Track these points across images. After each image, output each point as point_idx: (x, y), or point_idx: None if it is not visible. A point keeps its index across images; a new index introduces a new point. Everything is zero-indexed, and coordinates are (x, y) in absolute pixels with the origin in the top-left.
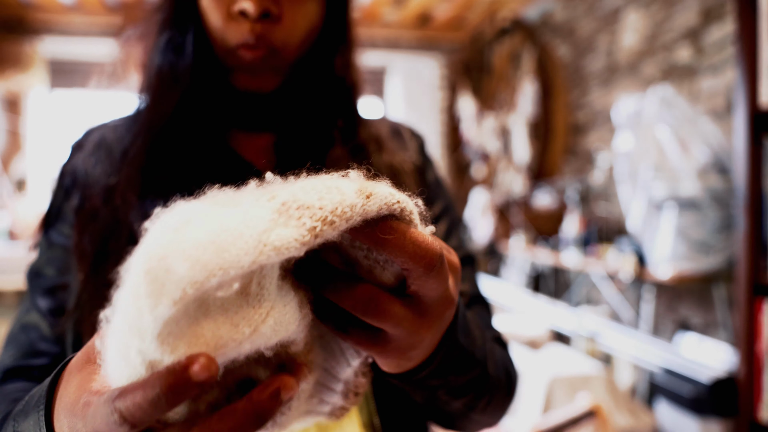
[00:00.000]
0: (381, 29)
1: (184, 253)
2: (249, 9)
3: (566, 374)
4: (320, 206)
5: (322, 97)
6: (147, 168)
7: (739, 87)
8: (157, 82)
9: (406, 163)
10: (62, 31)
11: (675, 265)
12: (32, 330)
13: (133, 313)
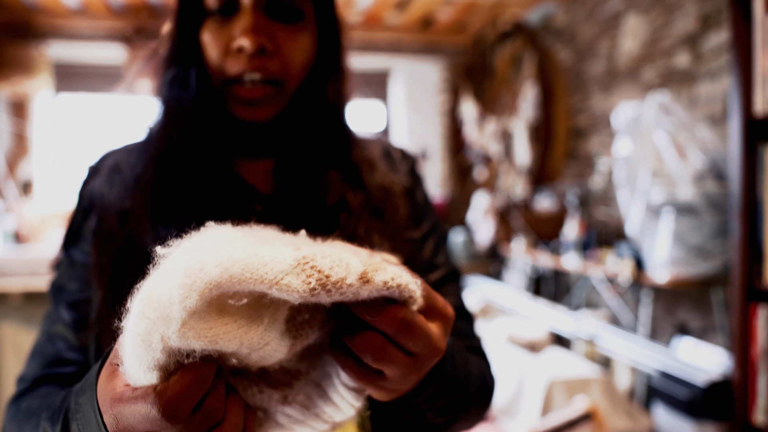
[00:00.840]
0: (383, 32)
1: (219, 261)
2: (246, 46)
3: (565, 377)
4: (327, 274)
5: (317, 123)
6: (158, 193)
7: (733, 95)
8: (165, 115)
9: (396, 185)
10: (68, 35)
11: (672, 269)
12: (59, 340)
13: (165, 302)
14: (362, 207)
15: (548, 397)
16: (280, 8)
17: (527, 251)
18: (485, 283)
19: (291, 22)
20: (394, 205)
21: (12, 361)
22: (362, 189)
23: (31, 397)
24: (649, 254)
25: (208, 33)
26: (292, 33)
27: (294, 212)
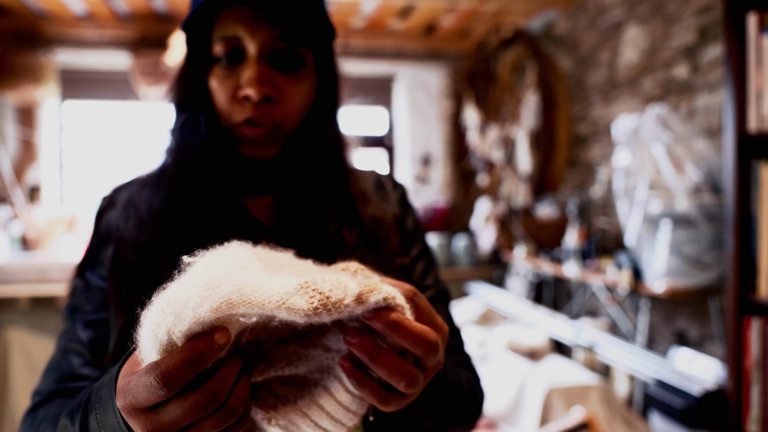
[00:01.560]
0: (387, 39)
1: (234, 282)
2: (252, 95)
3: (564, 384)
4: (327, 296)
5: (315, 161)
6: (172, 227)
7: (727, 111)
8: (177, 154)
9: (387, 216)
10: (74, 42)
11: (670, 280)
12: (74, 357)
13: (181, 303)
14: (356, 240)
15: (547, 405)
16: (283, 57)
17: (528, 258)
18: (487, 289)
19: (293, 70)
20: (385, 235)
21: (19, 364)
22: (357, 222)
23: (46, 408)
24: (647, 264)
25: (215, 80)
26: (294, 81)
27: (294, 245)
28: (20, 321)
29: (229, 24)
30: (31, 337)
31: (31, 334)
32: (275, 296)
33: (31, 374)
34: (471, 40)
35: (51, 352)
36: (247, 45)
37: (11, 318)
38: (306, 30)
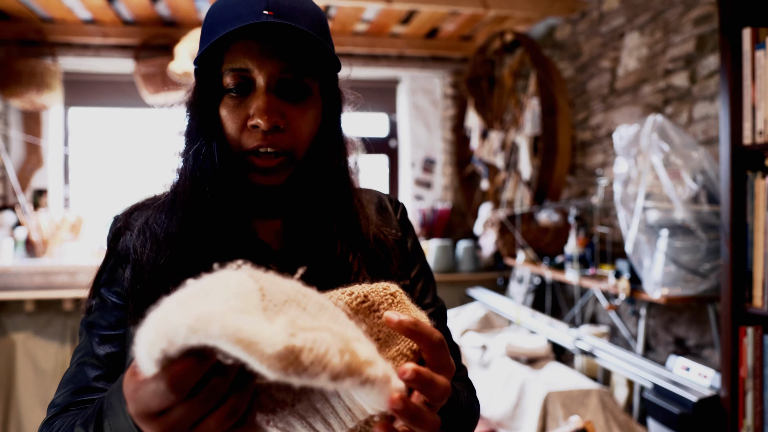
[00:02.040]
0: (389, 43)
1: (225, 324)
2: (262, 125)
3: (563, 390)
4: (305, 366)
5: (321, 186)
6: (188, 251)
7: (723, 124)
8: (191, 181)
9: (389, 238)
10: (79, 47)
11: (668, 288)
12: (90, 370)
13: (172, 329)
14: (360, 264)
15: (546, 410)
16: (290, 88)
17: (530, 264)
18: (489, 295)
19: (299, 100)
20: (387, 258)
21: (24, 367)
22: (361, 245)
23: (62, 418)
24: (645, 272)
25: (225, 109)
26: (301, 110)
27: (301, 269)
28: (25, 325)
29: (239, 57)
30: (36, 340)
31: (36, 337)
32: (260, 350)
33: (36, 377)
34: (473, 45)
35: (55, 355)
36: (256, 77)
37: (16, 321)
38: (311, 62)
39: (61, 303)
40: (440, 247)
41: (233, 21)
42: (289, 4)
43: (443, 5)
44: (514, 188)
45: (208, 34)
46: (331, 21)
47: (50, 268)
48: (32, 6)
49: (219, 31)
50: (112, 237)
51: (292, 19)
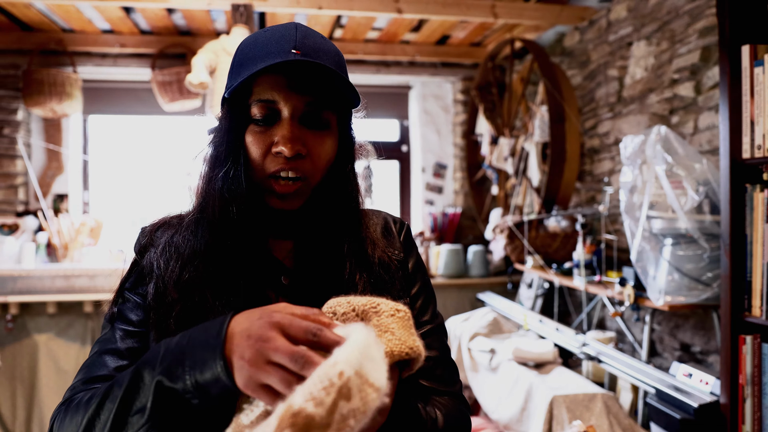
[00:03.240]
0: (400, 50)
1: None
2: (286, 152)
3: (568, 394)
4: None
5: (333, 211)
6: (211, 267)
7: (722, 138)
8: (220, 202)
9: (393, 259)
10: (98, 56)
11: (672, 295)
12: (109, 360)
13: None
14: (366, 284)
15: (552, 414)
16: (312, 118)
17: (538, 270)
18: (498, 299)
19: (319, 130)
20: (391, 278)
21: (47, 367)
22: (367, 266)
23: (84, 393)
24: (650, 280)
25: (251, 136)
26: (320, 139)
27: (312, 286)
28: (48, 326)
29: (266, 89)
30: (57, 341)
31: (58, 338)
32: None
33: (57, 377)
34: (484, 51)
35: (76, 356)
36: (281, 108)
37: (39, 323)
38: (331, 96)
39: (81, 305)
40: (451, 252)
41: (264, 57)
42: (314, 44)
43: (453, 15)
44: (523, 194)
45: (240, 67)
46: (342, 29)
47: (71, 272)
48: (53, 18)
49: (250, 66)
50: (138, 250)
51: (317, 57)
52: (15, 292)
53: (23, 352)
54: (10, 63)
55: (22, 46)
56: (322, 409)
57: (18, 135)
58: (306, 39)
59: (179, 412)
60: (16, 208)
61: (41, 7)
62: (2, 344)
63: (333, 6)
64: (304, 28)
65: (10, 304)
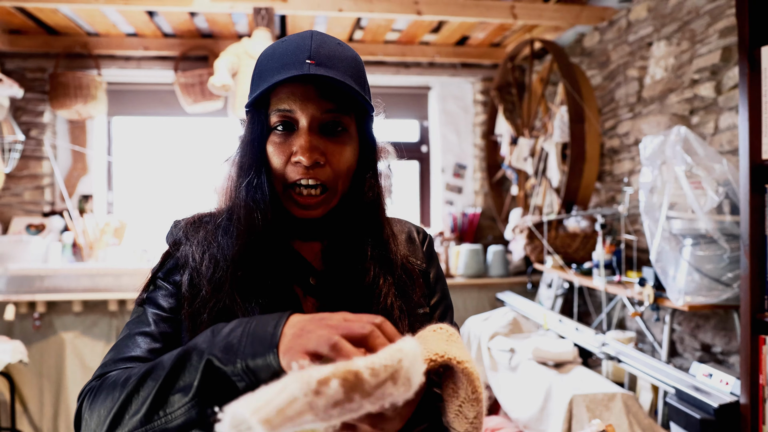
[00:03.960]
0: (420, 51)
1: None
2: (304, 161)
3: (587, 393)
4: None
5: (358, 216)
6: (241, 268)
7: (742, 139)
8: (245, 210)
9: (415, 268)
10: (122, 59)
11: (692, 296)
12: (140, 341)
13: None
14: (389, 286)
15: (571, 413)
16: (330, 126)
17: (557, 270)
18: (518, 299)
19: (338, 137)
20: (412, 282)
21: (73, 363)
22: (390, 270)
23: (119, 372)
24: (670, 280)
25: (272, 146)
26: (339, 146)
27: (339, 288)
28: (74, 324)
29: (284, 99)
30: (83, 339)
31: (84, 336)
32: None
33: (83, 374)
34: (503, 52)
35: (102, 354)
36: (299, 117)
37: (65, 321)
38: (348, 103)
39: (106, 304)
40: (471, 252)
41: (280, 69)
42: (329, 52)
43: (472, 16)
44: (543, 194)
45: (259, 79)
46: (362, 31)
47: (96, 271)
48: (79, 22)
49: (268, 78)
50: (173, 242)
51: (332, 66)
52: (42, 291)
53: (50, 349)
54: (37, 66)
55: (49, 49)
56: (374, 380)
57: (44, 136)
58: (321, 48)
59: (222, 395)
60: (42, 209)
61: (67, 12)
62: (30, 342)
63: (353, 8)
64: (319, 37)
65: (38, 302)
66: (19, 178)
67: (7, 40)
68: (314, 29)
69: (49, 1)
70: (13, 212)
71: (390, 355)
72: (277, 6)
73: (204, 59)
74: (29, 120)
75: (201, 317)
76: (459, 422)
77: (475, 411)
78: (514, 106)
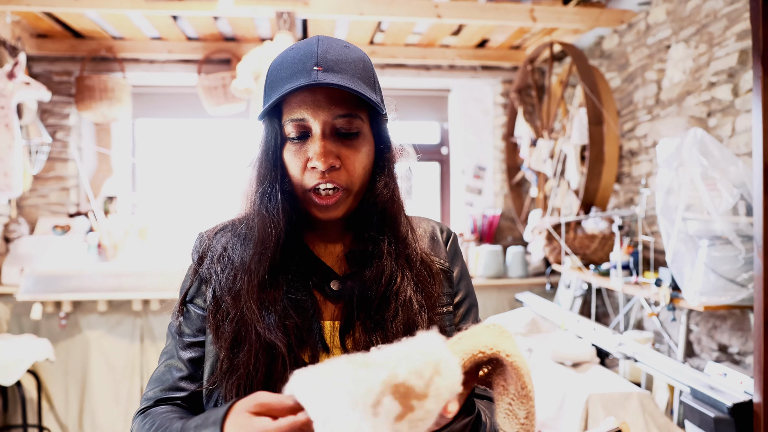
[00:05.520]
0: (440, 54)
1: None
2: (319, 167)
3: (604, 393)
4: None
5: (376, 213)
6: (261, 278)
7: (755, 142)
8: (259, 219)
9: (436, 267)
10: (147, 62)
11: (707, 297)
12: (176, 371)
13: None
14: (407, 281)
15: (588, 412)
16: (343, 130)
17: (576, 271)
18: (537, 300)
19: (352, 140)
20: (434, 284)
21: (97, 362)
22: (409, 266)
23: (153, 414)
24: (686, 281)
25: (288, 154)
26: (354, 148)
27: (360, 290)
28: (98, 323)
29: (295, 108)
30: (108, 338)
31: (108, 335)
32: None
33: (108, 372)
34: (523, 54)
35: (125, 353)
36: (311, 125)
37: (90, 321)
38: (359, 105)
39: (130, 304)
40: (490, 253)
41: (289, 78)
42: (336, 57)
43: (492, 20)
44: (562, 196)
45: (270, 90)
46: (383, 34)
47: (120, 271)
48: (104, 26)
49: (278, 88)
50: (198, 257)
51: (339, 71)
52: (68, 291)
53: (75, 348)
54: (64, 69)
55: (75, 53)
56: (422, 380)
57: (70, 139)
58: (328, 53)
59: None
60: (68, 210)
61: (93, 16)
62: (56, 340)
63: (374, 12)
64: (326, 42)
65: (63, 302)
66: (46, 180)
67: (35, 44)
68: (320, 35)
69: (76, 6)
70: (39, 213)
71: (420, 351)
72: (299, 10)
73: (227, 62)
74: (55, 122)
75: (223, 328)
76: (509, 423)
77: (526, 410)
78: (533, 108)
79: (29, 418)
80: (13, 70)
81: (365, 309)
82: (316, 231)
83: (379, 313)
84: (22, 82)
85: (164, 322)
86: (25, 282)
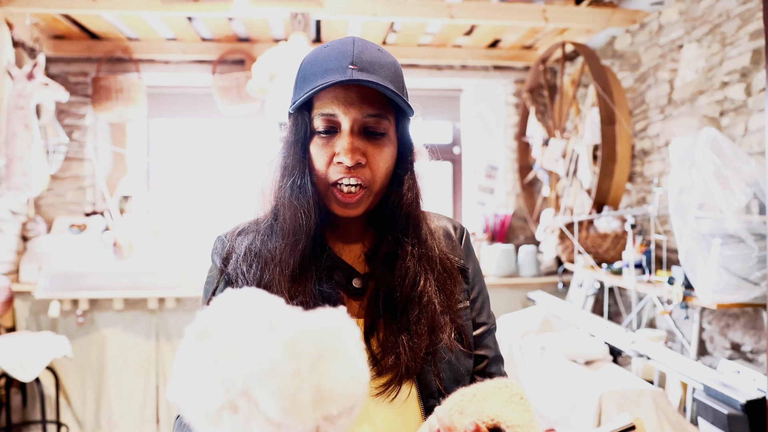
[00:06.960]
0: (453, 54)
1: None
2: (346, 162)
3: (617, 390)
4: None
5: (396, 214)
6: (286, 269)
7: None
8: (290, 210)
9: (454, 265)
10: (162, 63)
11: (720, 295)
12: None
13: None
14: (431, 284)
15: (601, 410)
16: (370, 129)
17: (588, 269)
18: (549, 298)
19: (378, 140)
20: (452, 282)
21: (114, 360)
22: (429, 265)
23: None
24: (699, 279)
25: (315, 147)
26: (379, 148)
27: (383, 289)
28: (115, 321)
29: (326, 103)
30: (124, 336)
31: (125, 333)
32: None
33: (124, 369)
34: (535, 54)
35: (141, 350)
36: (341, 121)
37: (107, 318)
38: (388, 107)
39: (146, 302)
40: (502, 252)
41: (323, 74)
42: (371, 58)
43: (504, 20)
44: (574, 195)
45: (302, 83)
46: (396, 34)
47: (136, 269)
48: (120, 27)
49: (311, 82)
50: (223, 259)
51: (373, 71)
52: (84, 289)
53: (92, 345)
54: (80, 70)
55: (91, 54)
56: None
57: (87, 138)
58: (363, 54)
59: None
60: (84, 209)
61: (110, 18)
62: (73, 338)
63: (387, 13)
64: (361, 43)
65: (80, 299)
66: (63, 179)
67: (52, 45)
68: (354, 35)
69: (93, 8)
70: (56, 212)
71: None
72: (313, 11)
73: (241, 63)
74: (72, 123)
75: None
76: None
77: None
78: (545, 107)
79: (48, 414)
80: (32, 71)
81: (390, 309)
82: (336, 229)
83: (404, 314)
84: (41, 83)
85: (179, 319)
86: (43, 280)
